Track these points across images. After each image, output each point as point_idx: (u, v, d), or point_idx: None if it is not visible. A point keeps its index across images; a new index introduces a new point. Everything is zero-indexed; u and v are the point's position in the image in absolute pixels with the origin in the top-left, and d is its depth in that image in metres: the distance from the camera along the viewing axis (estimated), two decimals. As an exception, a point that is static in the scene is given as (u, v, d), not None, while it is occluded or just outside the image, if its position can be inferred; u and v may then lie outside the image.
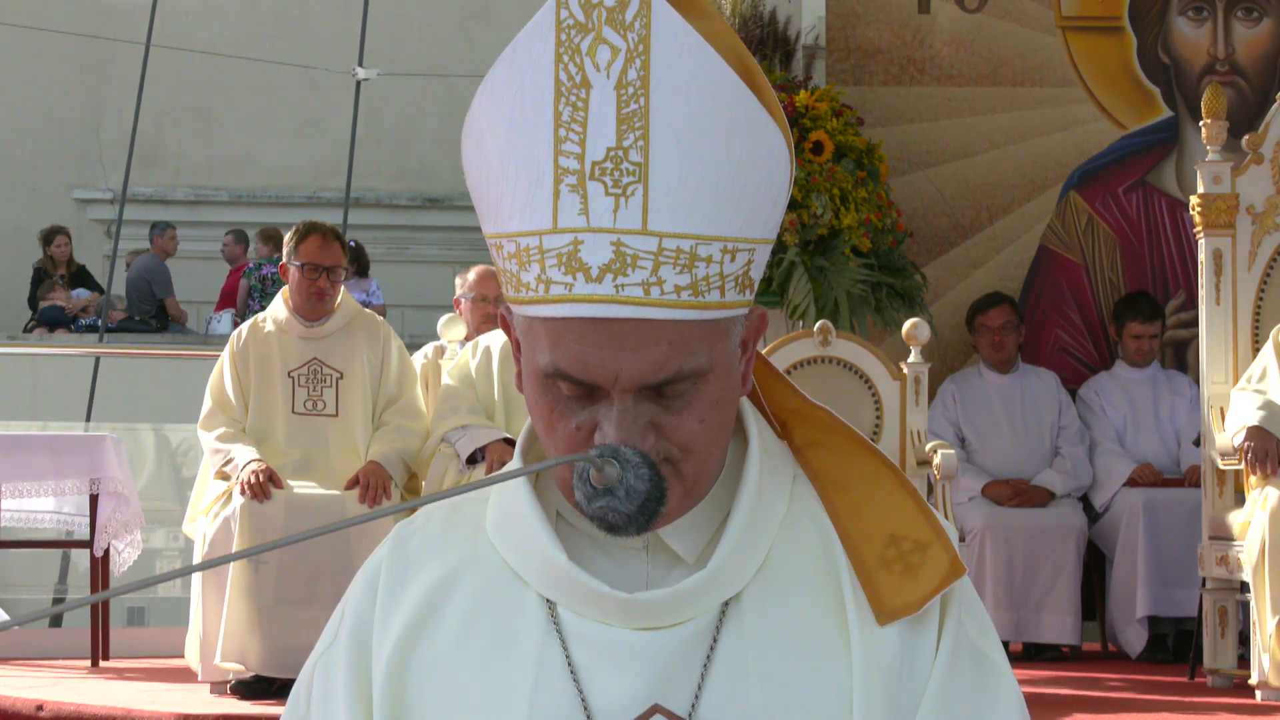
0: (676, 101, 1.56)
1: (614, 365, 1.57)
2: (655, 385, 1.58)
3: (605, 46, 1.56)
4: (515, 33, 1.64)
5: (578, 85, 1.56)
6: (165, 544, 10.27)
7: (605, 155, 1.56)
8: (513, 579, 1.69)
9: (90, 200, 16.67)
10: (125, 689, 6.24)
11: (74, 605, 1.56)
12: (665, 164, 1.56)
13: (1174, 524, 7.16)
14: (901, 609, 1.65)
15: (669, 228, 1.56)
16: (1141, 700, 6.12)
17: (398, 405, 6.40)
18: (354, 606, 1.73)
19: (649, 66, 1.56)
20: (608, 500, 1.60)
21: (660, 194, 1.56)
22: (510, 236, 1.61)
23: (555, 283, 1.58)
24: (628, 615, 1.64)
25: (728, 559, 1.65)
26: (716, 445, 1.65)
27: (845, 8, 8.05)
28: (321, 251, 6.33)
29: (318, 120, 16.32)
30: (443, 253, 16.10)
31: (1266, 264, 6.55)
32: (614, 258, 1.56)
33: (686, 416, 1.61)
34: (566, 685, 1.63)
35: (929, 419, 6.75)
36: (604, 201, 1.56)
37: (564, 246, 1.57)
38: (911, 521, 1.69)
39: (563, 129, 1.56)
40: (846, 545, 1.68)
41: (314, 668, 1.75)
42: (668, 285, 1.57)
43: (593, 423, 1.61)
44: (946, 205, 8.07)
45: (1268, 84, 8.01)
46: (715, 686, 1.63)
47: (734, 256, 1.60)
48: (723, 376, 1.63)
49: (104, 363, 12.23)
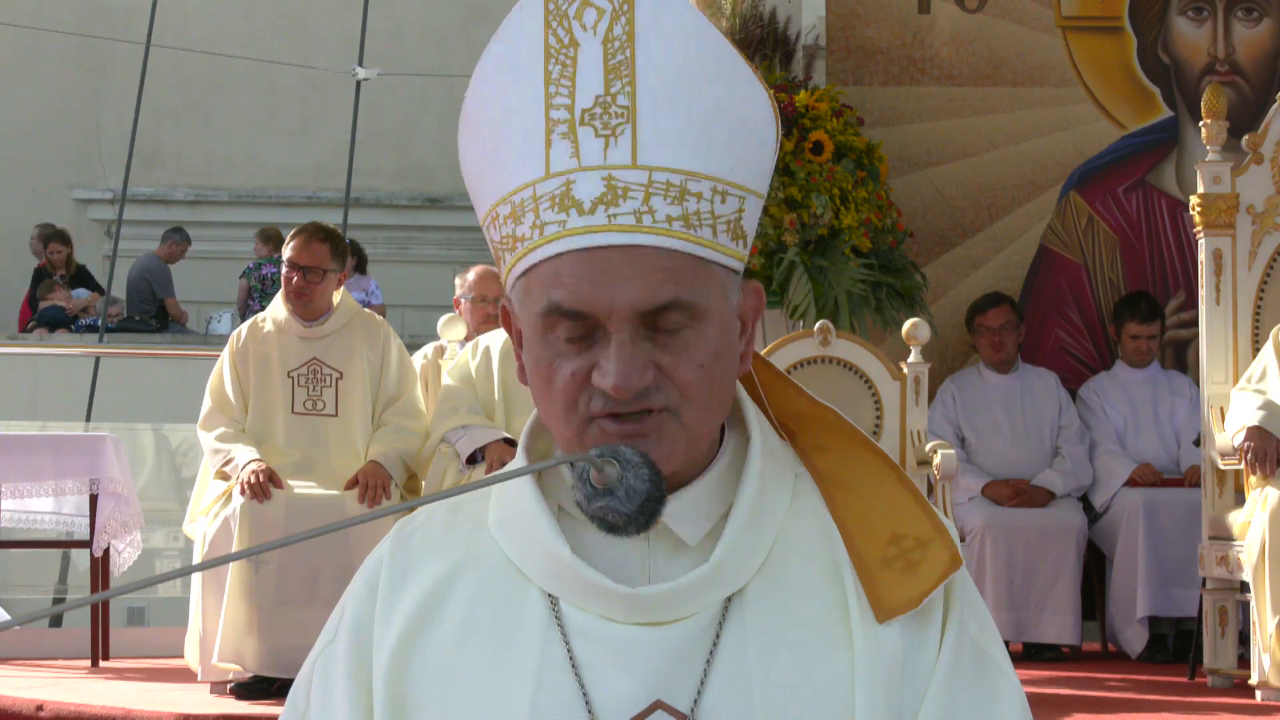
0: (660, 49, 1.62)
1: (609, 294, 1.60)
2: (651, 312, 1.60)
3: (591, 9, 1.63)
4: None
5: (566, 45, 1.63)
6: (165, 544, 10.27)
7: (594, 102, 1.62)
8: (515, 574, 1.69)
9: (90, 200, 16.67)
10: (125, 689, 6.24)
11: (74, 605, 1.56)
12: (652, 104, 1.62)
13: (1174, 524, 7.16)
14: (901, 606, 1.66)
15: (658, 162, 1.61)
16: (1141, 700, 6.12)
17: (397, 405, 6.40)
18: (354, 604, 1.73)
19: (634, 22, 1.63)
20: (608, 500, 1.60)
21: (648, 131, 1.61)
22: (505, 199, 1.65)
23: (550, 223, 1.62)
24: (630, 610, 1.64)
25: (730, 552, 1.65)
26: (716, 401, 1.66)
27: (845, 8, 8.05)
28: (301, 251, 6.34)
29: (318, 120, 16.33)
30: (443, 253, 16.10)
31: (1266, 264, 6.55)
32: (605, 190, 1.61)
33: (686, 359, 1.62)
34: (568, 681, 1.64)
35: (929, 419, 6.76)
36: (594, 143, 1.61)
37: (557, 188, 1.62)
38: (913, 519, 1.70)
39: (553, 86, 1.62)
40: (848, 544, 1.69)
41: (313, 665, 1.75)
42: (659, 214, 1.61)
43: (589, 367, 1.62)
44: (946, 205, 8.07)
45: (1268, 84, 8.01)
46: (717, 682, 1.63)
47: (724, 198, 1.64)
48: (721, 328, 1.65)
49: (104, 363, 12.24)
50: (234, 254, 15.31)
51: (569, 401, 1.63)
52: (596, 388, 1.61)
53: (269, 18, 16.64)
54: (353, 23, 13.94)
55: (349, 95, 13.87)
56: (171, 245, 15.06)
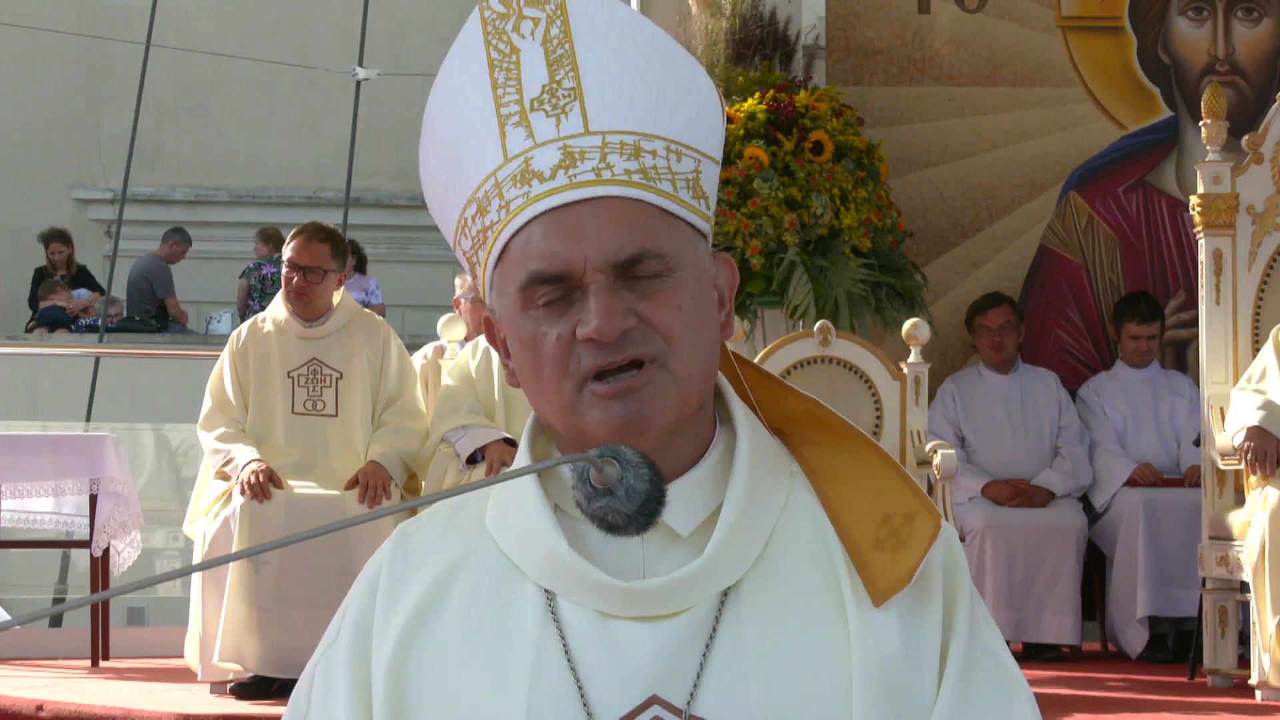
0: (597, 40, 1.70)
1: (580, 249, 1.63)
2: (624, 262, 1.63)
3: (527, 20, 1.72)
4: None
5: (507, 55, 1.71)
6: (165, 544, 10.27)
7: (541, 90, 1.69)
8: (512, 571, 1.70)
9: (90, 200, 16.67)
10: (125, 689, 6.24)
11: (74, 605, 1.56)
12: (596, 81, 1.69)
13: (1174, 524, 7.16)
14: (894, 585, 1.67)
15: (610, 126, 1.68)
16: (1141, 700, 6.12)
17: (397, 405, 6.40)
18: (355, 606, 1.74)
19: (569, 22, 1.70)
20: (608, 500, 1.60)
21: (595, 101, 1.68)
22: (471, 198, 1.70)
23: (514, 199, 1.67)
24: (626, 603, 1.65)
25: (724, 544, 1.66)
26: (701, 349, 1.67)
27: (845, 8, 8.05)
28: (301, 251, 6.35)
29: (318, 120, 16.33)
30: (443, 253, 16.09)
31: (1266, 264, 6.55)
32: (563, 157, 1.66)
33: (663, 303, 1.64)
34: (564, 676, 1.64)
35: (929, 419, 6.75)
36: (546, 122, 1.68)
37: (516, 168, 1.67)
38: (898, 495, 1.72)
39: (500, 90, 1.70)
40: (840, 532, 1.70)
41: (315, 667, 1.76)
42: (618, 169, 1.66)
43: (571, 326, 1.64)
44: (946, 205, 8.07)
45: (1268, 84, 8.01)
46: (714, 677, 1.63)
47: (679, 158, 1.69)
48: (696, 283, 1.68)
49: (104, 363, 12.24)
50: (234, 254, 15.31)
51: (559, 364, 1.65)
52: (581, 341, 1.63)
53: (269, 18, 16.64)
54: (353, 23, 13.95)
55: (349, 95, 13.87)
56: (172, 245, 15.06)
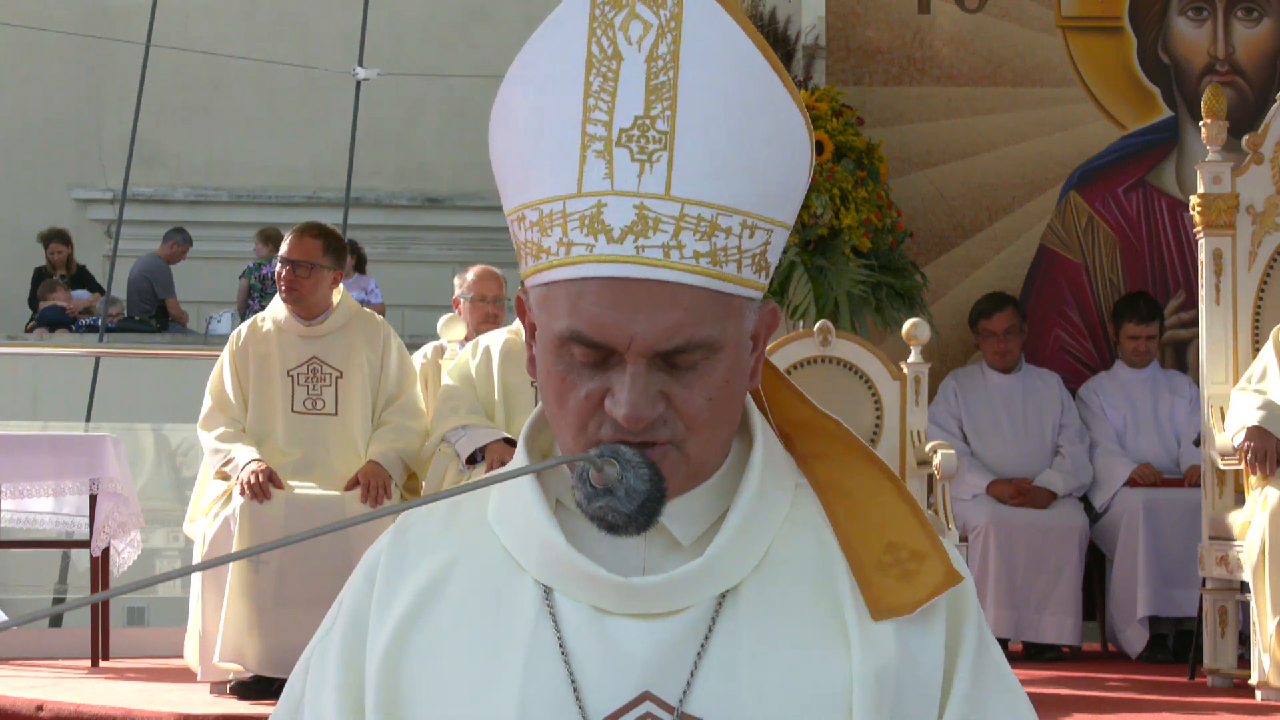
0: (705, 75, 1.60)
1: (629, 327, 1.59)
2: (668, 352, 1.60)
3: (638, 22, 1.61)
4: (515, 33, 1.68)
5: (609, 57, 1.61)
6: (165, 544, 10.27)
7: (633, 123, 1.60)
8: (511, 565, 1.70)
9: (90, 200, 16.66)
10: (125, 689, 6.24)
11: (74, 605, 1.56)
12: (691, 133, 1.59)
13: (1174, 524, 7.16)
14: (896, 608, 1.66)
15: (692, 195, 1.60)
16: (1141, 700, 6.12)
17: (397, 404, 6.40)
18: (352, 596, 1.75)
19: (679, 42, 1.61)
20: (608, 500, 1.60)
21: (685, 162, 1.59)
22: (533, 205, 1.64)
23: (576, 244, 1.60)
24: (623, 600, 1.65)
25: (726, 548, 1.66)
26: (721, 430, 1.66)
27: (845, 8, 8.05)
28: (291, 246, 6.37)
29: (318, 120, 16.32)
30: (443, 253, 16.10)
31: (1266, 264, 6.55)
32: (636, 219, 1.59)
33: (696, 391, 1.62)
34: (558, 669, 1.64)
35: (930, 413, 6.75)
36: (629, 167, 1.60)
37: (587, 209, 1.60)
38: (910, 532, 1.71)
39: (592, 98, 1.61)
40: (845, 549, 1.69)
41: (310, 654, 1.76)
42: (687, 250, 1.59)
43: (603, 390, 1.62)
44: (946, 205, 8.07)
45: (1268, 84, 8.01)
46: (707, 677, 1.63)
47: (753, 233, 1.63)
48: (733, 358, 1.65)
49: (104, 363, 12.23)
50: (234, 254, 15.31)
51: (580, 423, 1.64)
52: (608, 414, 1.62)
53: (269, 18, 16.63)
54: (353, 23, 13.94)
55: (349, 95, 13.86)
56: (173, 245, 15.06)
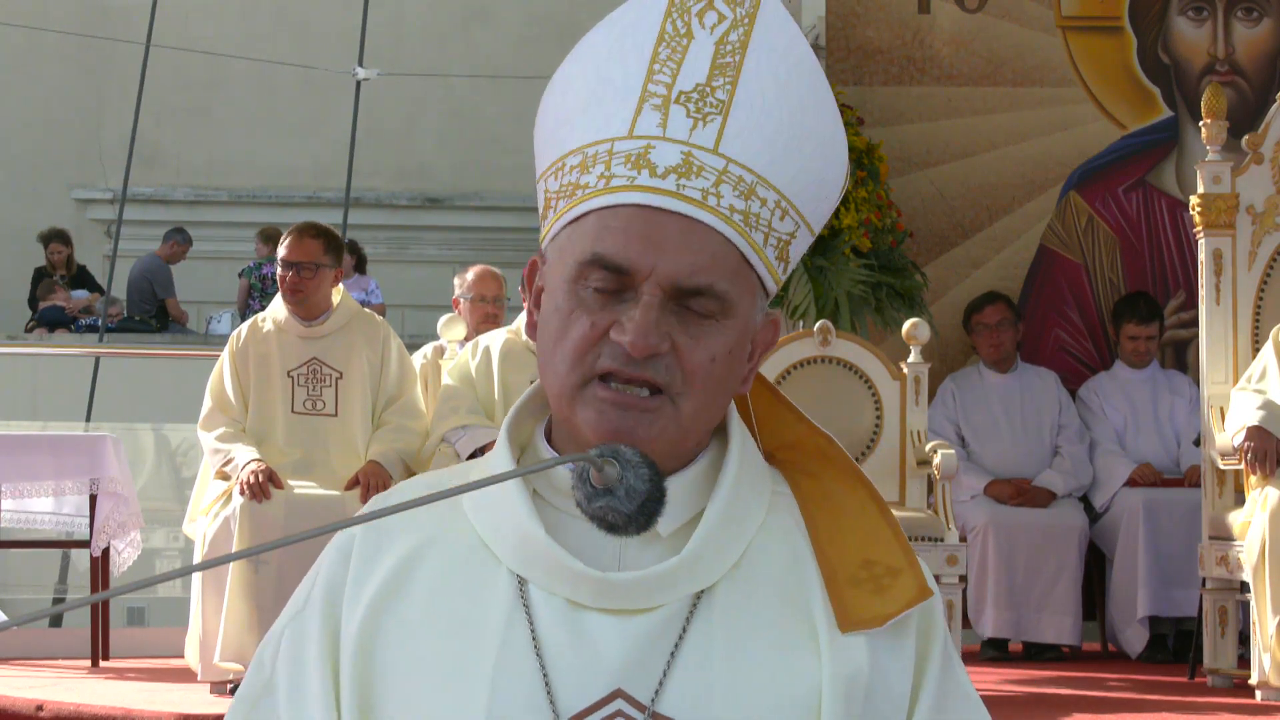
0: (767, 66, 1.68)
1: (654, 255, 1.62)
2: (686, 290, 1.62)
3: (714, 12, 1.69)
4: (515, 33, 1.69)
5: (681, 36, 1.69)
6: (165, 544, 10.26)
7: (694, 87, 1.66)
8: (485, 554, 1.69)
9: (90, 200, 16.66)
10: (125, 689, 6.24)
11: (74, 605, 1.56)
12: (746, 107, 1.66)
13: (1174, 524, 7.17)
14: (865, 621, 1.67)
15: (738, 156, 1.65)
16: (1141, 700, 6.12)
17: (397, 405, 6.40)
18: (327, 574, 1.73)
19: (750, 35, 1.69)
20: (608, 500, 1.60)
21: (736, 127, 1.66)
22: (578, 150, 1.67)
23: (618, 176, 1.65)
24: (599, 595, 1.65)
25: (703, 546, 1.66)
26: (714, 400, 1.67)
27: (845, 8, 8.05)
28: (293, 248, 6.36)
29: (318, 120, 16.31)
30: (443, 253, 16.10)
31: (1266, 264, 6.55)
32: (681, 162, 1.64)
33: (701, 346, 1.64)
34: (530, 662, 1.64)
35: (929, 417, 6.75)
36: (683, 121, 1.65)
37: (635, 149, 1.65)
38: (888, 550, 1.72)
39: (658, 65, 1.68)
40: (820, 561, 1.70)
41: (282, 632, 1.74)
42: (725, 201, 1.64)
43: (610, 321, 1.63)
44: (946, 205, 8.07)
45: (1268, 84, 8.01)
46: (680, 676, 1.64)
47: (783, 216, 1.68)
48: (740, 334, 1.67)
49: (104, 363, 12.22)
50: (234, 254, 15.31)
51: (579, 353, 1.64)
52: (611, 341, 1.62)
53: (269, 18, 16.63)
54: (353, 23, 13.93)
55: (349, 95, 13.86)
56: (173, 245, 15.06)
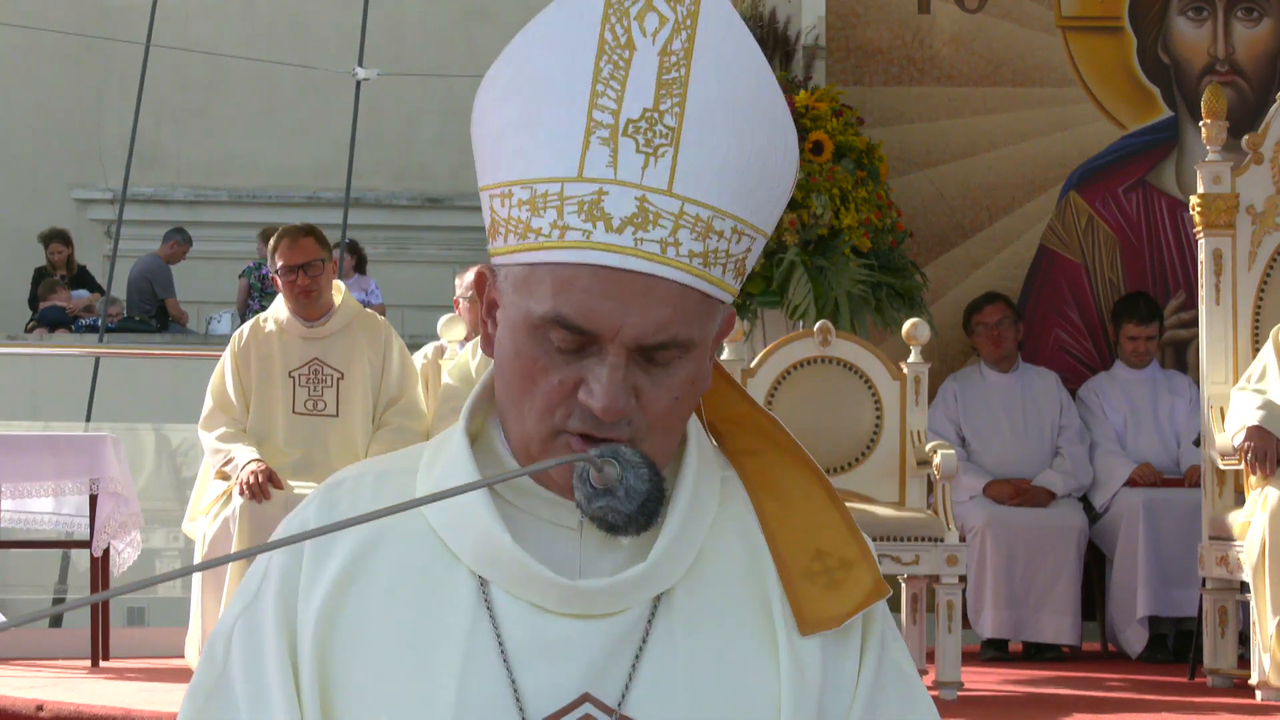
0: (715, 77, 1.61)
1: (619, 317, 1.58)
2: (651, 346, 1.60)
3: (654, 14, 1.61)
4: (515, 33, 1.66)
5: (621, 46, 1.61)
6: (165, 544, 10.26)
7: (640, 115, 1.60)
8: (443, 552, 1.67)
9: (90, 200, 16.67)
10: (125, 689, 6.24)
11: (74, 605, 1.56)
12: (697, 133, 1.60)
13: (1174, 524, 7.16)
14: (823, 621, 1.67)
15: (692, 194, 1.60)
16: (1141, 700, 6.12)
17: (399, 405, 6.39)
18: (280, 564, 1.69)
19: (694, 40, 1.61)
20: (608, 500, 1.60)
21: (688, 160, 1.60)
22: (525, 183, 1.61)
23: (572, 229, 1.59)
24: (565, 601, 1.64)
25: (666, 551, 1.65)
26: (676, 429, 1.66)
27: (845, 8, 8.05)
28: (291, 251, 6.34)
29: (318, 120, 16.32)
30: (443, 253, 16.10)
31: (1266, 264, 6.55)
32: (637, 212, 1.59)
33: (664, 389, 1.62)
34: (496, 668, 1.63)
35: (929, 418, 6.75)
36: (634, 158, 1.59)
37: (587, 195, 1.59)
38: (839, 538, 1.71)
39: (601, 84, 1.60)
40: (774, 554, 1.69)
41: (234, 622, 1.70)
42: (683, 249, 1.60)
43: (576, 378, 1.60)
44: (946, 205, 8.07)
45: (1268, 84, 8.01)
46: (645, 679, 1.63)
47: (739, 239, 1.64)
48: (701, 359, 1.65)
49: (104, 363, 12.22)
50: (234, 254, 15.32)
51: (548, 408, 1.62)
52: (580, 404, 1.60)
53: (269, 18, 16.64)
54: (353, 23, 13.93)
55: (349, 95, 13.85)
56: (173, 245, 15.07)
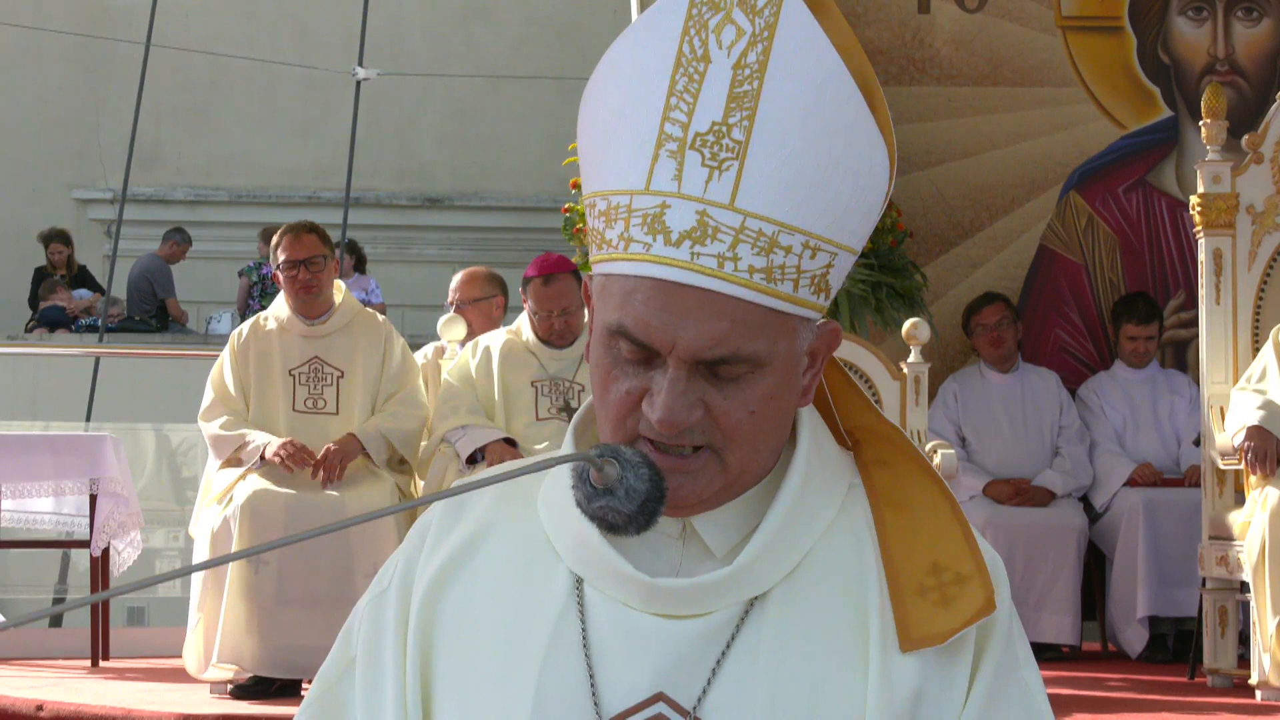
0: (788, 90, 1.60)
1: (673, 331, 1.59)
2: (710, 361, 1.60)
3: (732, 27, 1.61)
4: (515, 32, 1.66)
5: (698, 59, 1.61)
6: (165, 544, 10.26)
7: (709, 128, 1.60)
8: (547, 548, 1.71)
9: (90, 200, 16.67)
10: (125, 689, 6.24)
11: (74, 605, 1.56)
12: (764, 147, 1.59)
13: (1174, 524, 7.16)
14: (927, 639, 1.65)
15: (755, 208, 1.59)
16: (1141, 700, 6.12)
17: (398, 396, 6.37)
18: (406, 553, 1.77)
19: (769, 53, 1.60)
20: (608, 500, 1.61)
21: (754, 174, 1.59)
22: (604, 194, 1.65)
23: (635, 241, 1.61)
24: (650, 599, 1.65)
25: (756, 558, 1.65)
26: (765, 443, 1.65)
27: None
28: (295, 245, 6.34)
29: (318, 120, 16.32)
30: (443, 253, 16.10)
31: (1266, 264, 6.55)
32: (696, 226, 1.59)
33: (737, 403, 1.61)
34: (577, 659, 1.65)
35: (930, 418, 6.75)
36: (699, 171, 1.60)
37: (651, 208, 1.60)
38: (957, 553, 1.70)
39: (675, 97, 1.61)
40: (887, 565, 1.68)
41: (364, 609, 1.77)
42: (742, 263, 1.59)
43: (644, 389, 1.62)
44: (946, 205, 8.07)
45: (1268, 84, 8.01)
46: (725, 683, 1.63)
47: (815, 254, 1.62)
48: (782, 374, 1.63)
49: (104, 363, 12.22)
50: (234, 254, 15.32)
51: (619, 416, 1.64)
52: (645, 414, 1.62)
53: (269, 18, 16.64)
54: (353, 23, 13.93)
55: (349, 95, 13.86)
56: (173, 245, 15.07)
